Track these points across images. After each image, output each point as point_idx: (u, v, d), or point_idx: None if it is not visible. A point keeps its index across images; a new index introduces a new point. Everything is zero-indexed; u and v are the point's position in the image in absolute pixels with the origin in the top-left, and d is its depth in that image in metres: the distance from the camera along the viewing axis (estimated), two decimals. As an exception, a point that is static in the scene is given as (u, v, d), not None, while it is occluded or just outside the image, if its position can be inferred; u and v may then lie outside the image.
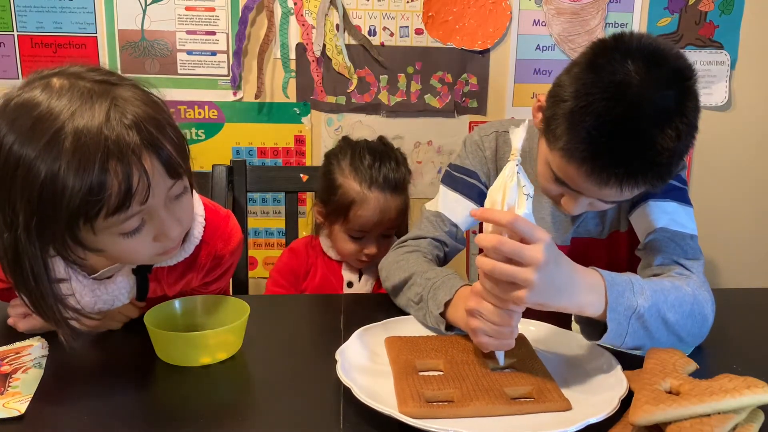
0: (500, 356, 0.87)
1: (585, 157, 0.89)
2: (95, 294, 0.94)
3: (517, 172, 0.79)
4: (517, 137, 0.81)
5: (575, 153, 0.90)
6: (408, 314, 1.04)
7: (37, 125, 0.75)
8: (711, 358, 0.94)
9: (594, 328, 0.88)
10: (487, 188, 1.20)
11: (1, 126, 0.77)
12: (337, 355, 0.85)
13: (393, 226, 1.39)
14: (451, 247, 1.18)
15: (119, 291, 0.96)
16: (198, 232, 0.98)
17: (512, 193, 0.79)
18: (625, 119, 0.87)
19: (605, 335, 0.85)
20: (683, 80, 0.90)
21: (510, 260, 0.78)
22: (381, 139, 1.47)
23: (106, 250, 0.83)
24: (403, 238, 1.19)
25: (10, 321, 0.99)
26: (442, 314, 0.96)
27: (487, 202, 0.83)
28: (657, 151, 0.87)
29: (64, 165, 0.73)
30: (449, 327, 0.96)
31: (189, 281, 1.04)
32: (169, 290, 1.03)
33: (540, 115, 1.00)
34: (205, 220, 0.99)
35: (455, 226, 1.17)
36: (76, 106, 0.75)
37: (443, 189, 1.21)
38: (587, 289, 0.84)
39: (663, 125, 0.87)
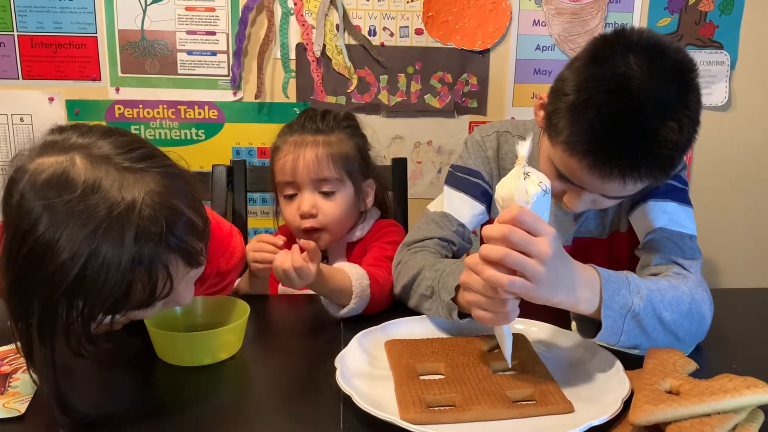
0: (508, 354, 0.86)
1: (587, 150, 0.89)
2: None
3: (527, 172, 0.78)
4: (523, 147, 0.79)
5: (577, 146, 0.90)
6: (407, 316, 1.03)
7: (72, 218, 0.70)
8: (711, 358, 0.94)
9: (590, 325, 0.88)
10: (491, 187, 1.20)
11: (34, 205, 0.71)
12: (337, 362, 0.85)
13: (323, 177, 1.24)
14: (459, 247, 1.18)
15: None
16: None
17: (520, 190, 0.77)
18: (627, 111, 0.87)
19: (600, 333, 0.85)
20: (685, 73, 0.90)
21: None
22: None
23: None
24: (407, 241, 1.18)
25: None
26: (454, 300, 0.94)
27: (497, 205, 0.82)
28: (659, 143, 0.87)
29: (91, 271, 0.69)
30: (462, 315, 0.95)
31: None
32: None
33: (542, 113, 1.00)
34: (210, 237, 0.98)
35: (462, 225, 1.17)
36: (107, 205, 0.71)
37: (447, 190, 1.21)
38: (584, 285, 0.83)
39: (665, 117, 0.87)
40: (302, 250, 0.99)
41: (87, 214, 0.70)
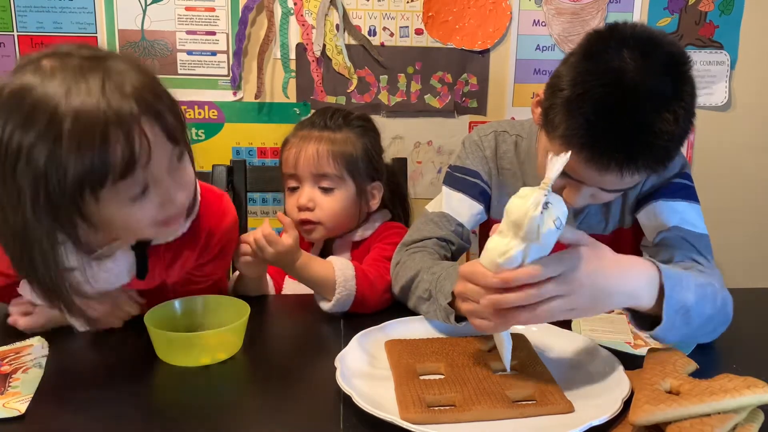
0: (506, 360, 0.85)
1: (584, 143, 0.90)
2: (96, 274, 0.94)
3: (548, 202, 0.74)
4: (554, 167, 0.75)
5: (574, 139, 0.91)
6: (407, 316, 1.04)
7: (34, 111, 0.75)
8: (711, 358, 0.94)
9: (644, 318, 0.87)
10: (490, 187, 1.20)
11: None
12: (337, 362, 0.85)
13: (323, 173, 1.25)
14: (458, 246, 1.18)
15: (119, 269, 0.96)
16: (195, 209, 0.99)
17: (533, 224, 0.74)
18: (622, 103, 0.88)
19: (659, 327, 0.83)
20: (679, 65, 0.91)
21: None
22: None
23: (113, 220, 0.84)
24: (406, 241, 1.18)
25: (10, 320, 0.99)
26: (452, 304, 0.94)
27: (503, 224, 0.78)
28: (655, 134, 0.88)
29: (65, 146, 0.74)
30: (460, 319, 0.95)
31: (185, 261, 1.04)
32: (167, 273, 1.03)
33: (539, 111, 1.01)
34: (200, 197, 1.01)
35: (461, 225, 1.17)
36: (70, 84, 0.75)
37: (446, 190, 1.21)
38: (642, 285, 0.82)
39: (660, 109, 0.88)
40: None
41: (47, 100, 0.75)
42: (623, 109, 0.88)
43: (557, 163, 0.75)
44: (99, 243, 0.92)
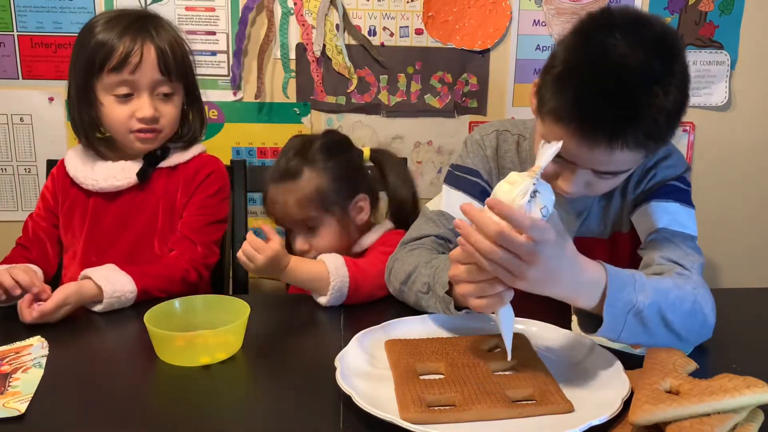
0: (507, 342, 0.85)
1: (572, 115, 0.90)
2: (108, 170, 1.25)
3: (536, 190, 0.76)
4: (545, 154, 0.77)
5: (562, 111, 0.91)
6: (407, 316, 1.04)
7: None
8: (711, 358, 0.94)
9: (590, 320, 0.88)
10: (490, 186, 1.20)
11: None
12: (337, 362, 0.85)
13: (299, 219, 1.29)
14: (456, 244, 1.18)
15: (128, 167, 1.25)
16: (198, 150, 1.35)
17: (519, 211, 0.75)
18: (610, 76, 0.88)
19: (600, 328, 0.85)
20: (668, 45, 0.91)
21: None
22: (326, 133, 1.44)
23: (106, 111, 1.20)
24: (405, 239, 1.19)
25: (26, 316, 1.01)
26: (449, 293, 0.95)
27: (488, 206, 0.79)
28: (643, 106, 0.88)
29: (100, 28, 1.20)
30: (459, 307, 0.95)
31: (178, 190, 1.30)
32: (163, 198, 1.28)
33: (535, 101, 1.01)
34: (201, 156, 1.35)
35: None
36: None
37: (446, 188, 1.21)
38: (587, 282, 0.84)
39: (649, 82, 0.88)
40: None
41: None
42: (611, 82, 0.88)
43: (548, 150, 0.76)
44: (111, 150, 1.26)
